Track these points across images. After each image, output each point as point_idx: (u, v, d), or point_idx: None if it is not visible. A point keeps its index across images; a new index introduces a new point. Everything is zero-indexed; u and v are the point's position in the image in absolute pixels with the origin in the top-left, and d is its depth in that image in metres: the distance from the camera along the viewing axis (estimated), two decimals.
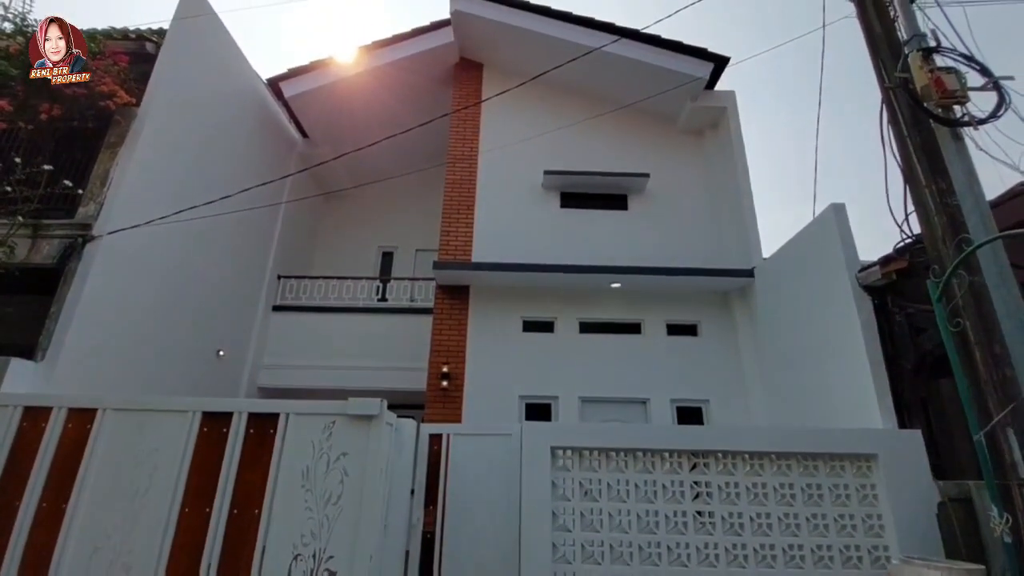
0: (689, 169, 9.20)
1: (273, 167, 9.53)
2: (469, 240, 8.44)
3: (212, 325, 8.17)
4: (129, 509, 3.02)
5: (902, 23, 4.42)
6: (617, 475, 4.00)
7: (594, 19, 8.72)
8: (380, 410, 3.14)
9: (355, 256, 11.58)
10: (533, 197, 8.86)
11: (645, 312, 8.18)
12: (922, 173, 4.02)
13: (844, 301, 5.60)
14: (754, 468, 4.01)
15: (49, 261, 6.16)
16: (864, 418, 5.23)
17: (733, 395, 7.65)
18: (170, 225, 6.72)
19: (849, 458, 4.00)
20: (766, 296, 7.50)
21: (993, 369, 3.36)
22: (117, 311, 6.40)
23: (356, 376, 8.81)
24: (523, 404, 7.62)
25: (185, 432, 3.15)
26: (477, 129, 9.22)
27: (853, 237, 5.80)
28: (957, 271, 3.53)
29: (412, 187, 11.67)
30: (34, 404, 3.32)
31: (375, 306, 9.67)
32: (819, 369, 6.12)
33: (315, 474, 3.02)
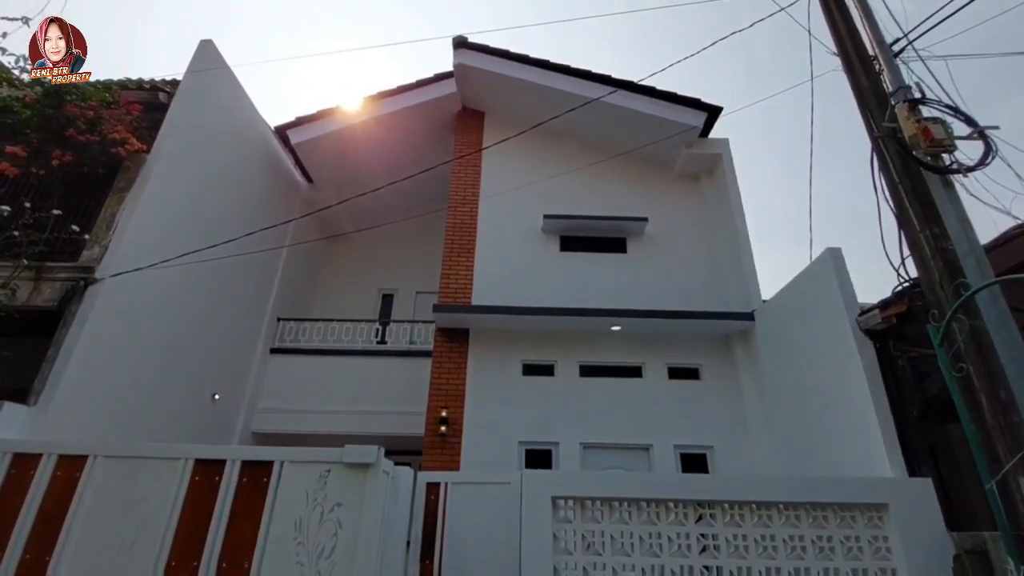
0: (686, 213, 9.35)
1: (277, 211, 9.69)
2: (469, 283, 8.48)
3: (209, 368, 8.09)
4: (115, 562, 2.91)
5: (887, 76, 4.60)
6: (620, 527, 3.86)
7: (591, 71, 9.07)
8: (377, 458, 3.07)
9: (355, 298, 11.60)
10: (533, 240, 8.97)
11: (646, 355, 8.12)
12: (915, 218, 4.07)
13: (845, 345, 5.57)
14: (762, 519, 3.88)
15: (50, 304, 6.17)
16: (872, 465, 5.10)
17: (737, 440, 7.49)
18: (172, 268, 6.76)
19: (860, 508, 3.88)
20: (767, 339, 7.47)
21: (1000, 415, 3.31)
22: (114, 354, 6.35)
23: (353, 421, 8.66)
24: (523, 450, 7.45)
25: (176, 481, 3.07)
26: (478, 174, 9.43)
27: (851, 280, 5.82)
28: (957, 315, 3.53)
29: (413, 230, 11.82)
30: (24, 451, 3.25)
31: (374, 349, 9.61)
32: (823, 414, 6.02)
33: (308, 526, 2.92)
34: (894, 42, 4.74)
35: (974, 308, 3.61)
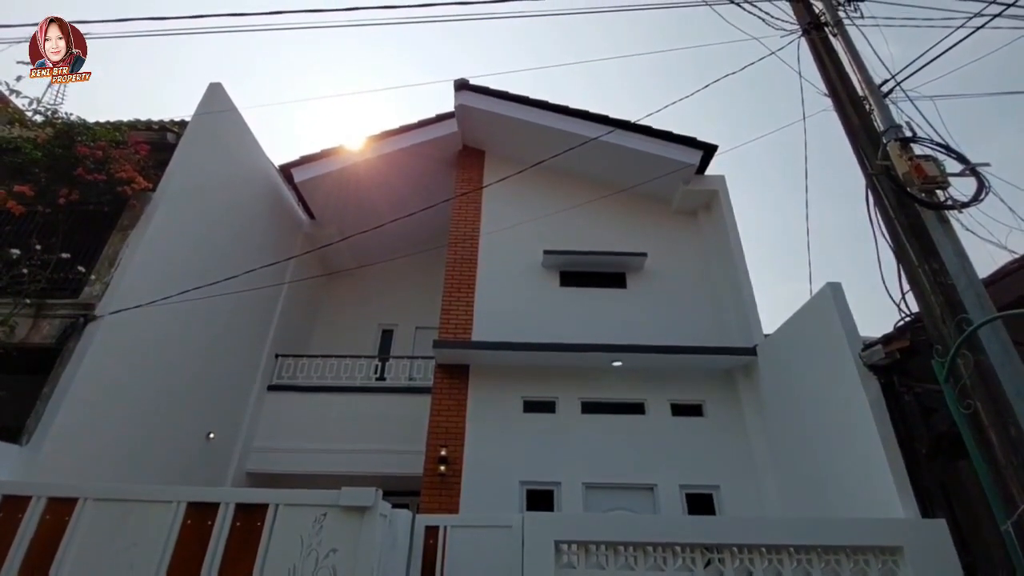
0: (685, 248, 9.42)
1: (279, 247, 9.77)
2: (469, 318, 8.46)
3: (205, 406, 7.98)
4: None
5: (877, 116, 4.71)
6: (626, 573, 3.72)
7: (588, 112, 9.31)
8: (374, 501, 2.99)
9: (355, 334, 11.55)
10: (533, 276, 9.00)
11: (648, 391, 8.02)
12: (913, 253, 4.09)
13: (850, 381, 5.51)
14: (773, 564, 3.74)
15: (48, 341, 6.14)
16: (883, 505, 4.96)
17: (744, 479, 7.31)
18: (172, 305, 6.76)
19: (873, 551, 3.74)
20: (770, 375, 7.39)
21: (1012, 453, 3.24)
22: (110, 392, 6.27)
23: (350, 460, 8.48)
24: (524, 490, 7.26)
25: (168, 525, 2.98)
26: (479, 211, 9.55)
27: (852, 315, 5.80)
28: (961, 351, 3.50)
29: (414, 265, 11.89)
30: (13, 492, 3.16)
31: (373, 385, 9.51)
32: (830, 451, 5.90)
33: (302, 573, 2.81)
34: (883, 83, 4.88)
35: (977, 343, 3.58)
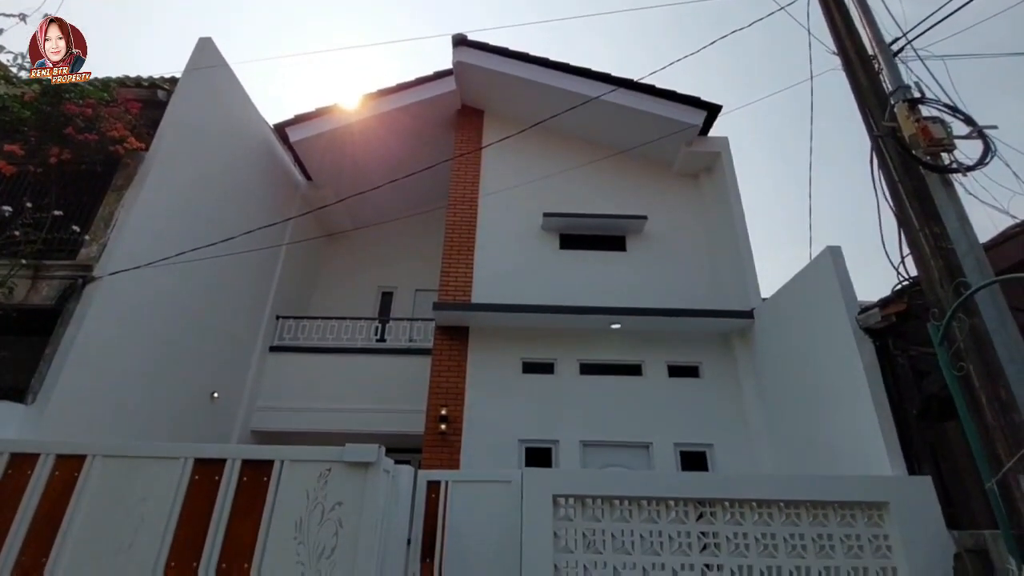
0: (686, 211, 9.35)
1: (276, 209, 9.67)
2: (469, 281, 8.47)
3: (208, 366, 8.08)
4: (113, 564, 2.89)
5: (886, 75, 4.59)
6: (621, 525, 3.86)
7: (590, 69, 9.05)
8: (377, 457, 3.06)
9: (355, 296, 11.58)
10: (532, 239, 8.96)
11: (646, 353, 8.13)
12: (915, 217, 4.07)
13: (845, 343, 5.57)
14: (763, 517, 3.88)
15: (48, 302, 6.14)
16: (872, 463, 5.11)
17: (737, 438, 7.50)
18: (170, 266, 6.74)
19: (860, 506, 3.88)
20: (766, 338, 7.47)
21: (1000, 415, 3.32)
22: (112, 352, 6.33)
23: (353, 419, 8.65)
24: (523, 448, 7.45)
25: (176, 481, 3.06)
26: (478, 173, 9.42)
27: (851, 279, 5.82)
28: (957, 314, 3.53)
29: (413, 228, 11.81)
30: (21, 451, 3.23)
31: (373, 347, 9.60)
32: (823, 412, 6.03)
33: (308, 525, 2.91)
34: (893, 42, 4.73)
35: (974, 307, 3.62)
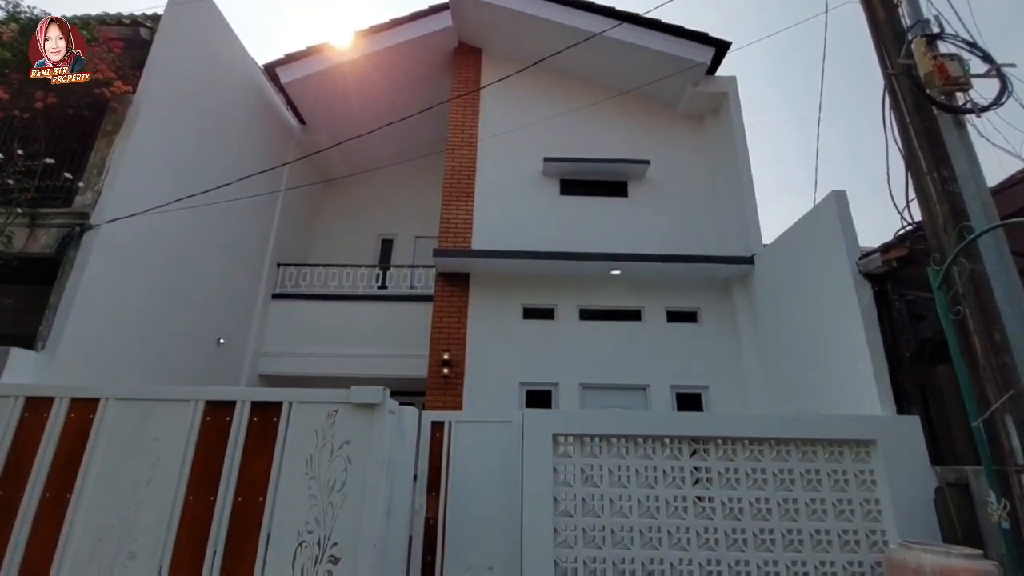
0: (689, 155, 9.15)
1: (271, 154, 9.47)
2: (469, 227, 8.42)
3: (212, 313, 8.17)
4: (133, 498, 3.04)
5: (905, 9, 4.37)
6: (618, 461, 4.03)
7: (594, 3, 8.60)
8: (382, 398, 3.16)
9: (354, 243, 11.55)
10: (533, 184, 8.82)
11: (645, 299, 8.19)
12: (924, 160, 4.00)
13: (844, 288, 5.61)
14: (754, 454, 4.04)
15: (47, 251, 6.13)
16: (863, 404, 5.26)
17: (732, 381, 7.69)
18: (168, 213, 6.69)
19: (848, 444, 4.04)
20: (766, 283, 7.51)
21: (992, 357, 3.38)
22: (117, 300, 6.39)
23: (357, 363, 8.84)
24: (524, 391, 7.66)
25: (188, 421, 3.17)
26: (476, 116, 9.15)
27: (854, 224, 5.79)
28: (958, 259, 3.53)
29: (411, 174, 11.62)
30: (36, 394, 3.32)
31: (375, 294, 9.67)
32: (818, 355, 6.15)
33: (319, 462, 3.04)
34: None
35: (975, 252, 3.62)
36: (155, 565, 2.90)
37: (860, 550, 3.79)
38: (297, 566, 2.87)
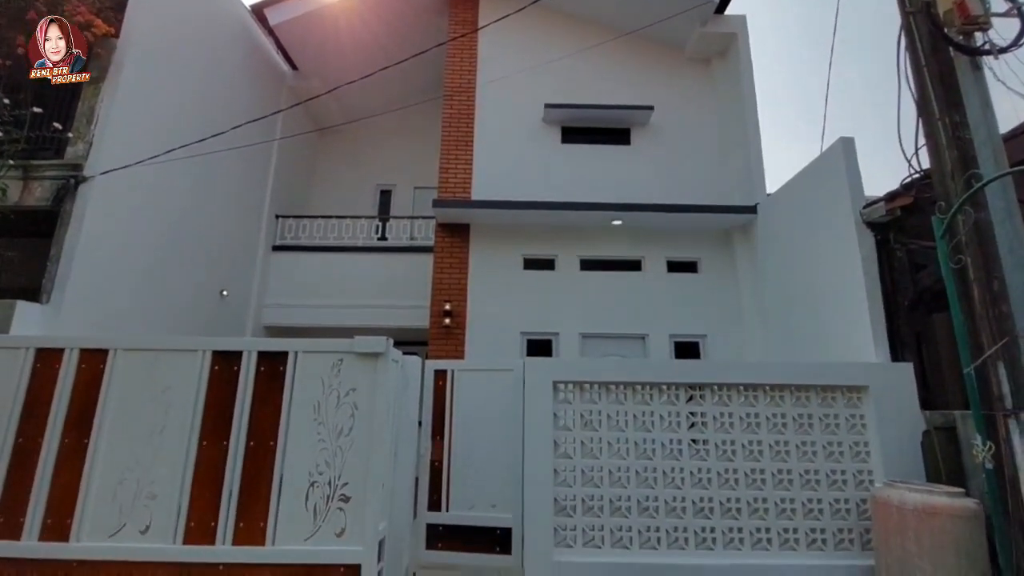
0: (695, 101, 8.88)
1: (264, 101, 9.21)
2: (468, 177, 8.29)
3: (214, 266, 8.20)
4: (149, 444, 3.15)
5: None
6: (616, 406, 4.15)
7: None
8: (386, 348, 3.21)
9: (352, 194, 11.42)
10: (533, 132, 8.62)
11: (646, 249, 8.18)
12: (936, 105, 3.91)
13: (846, 237, 5.58)
14: (748, 399, 4.16)
15: (43, 203, 6.08)
16: (858, 352, 5.36)
17: (730, 330, 7.79)
18: (164, 165, 6.58)
19: (841, 389, 4.14)
20: (768, 233, 7.47)
21: (990, 305, 3.41)
22: (119, 253, 6.40)
23: (360, 314, 8.94)
24: (524, 340, 7.78)
25: (197, 371, 3.23)
26: (474, 60, 8.82)
27: (860, 172, 5.69)
28: (963, 207, 3.49)
29: (409, 123, 11.33)
30: (46, 346, 3.37)
31: (375, 245, 9.65)
32: (817, 304, 6.20)
33: (326, 408, 3.13)
34: None
35: (981, 200, 3.58)
36: (174, 505, 3.04)
37: (847, 489, 3.96)
38: (310, 504, 3.01)
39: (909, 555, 3.25)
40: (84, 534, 3.01)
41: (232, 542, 2.98)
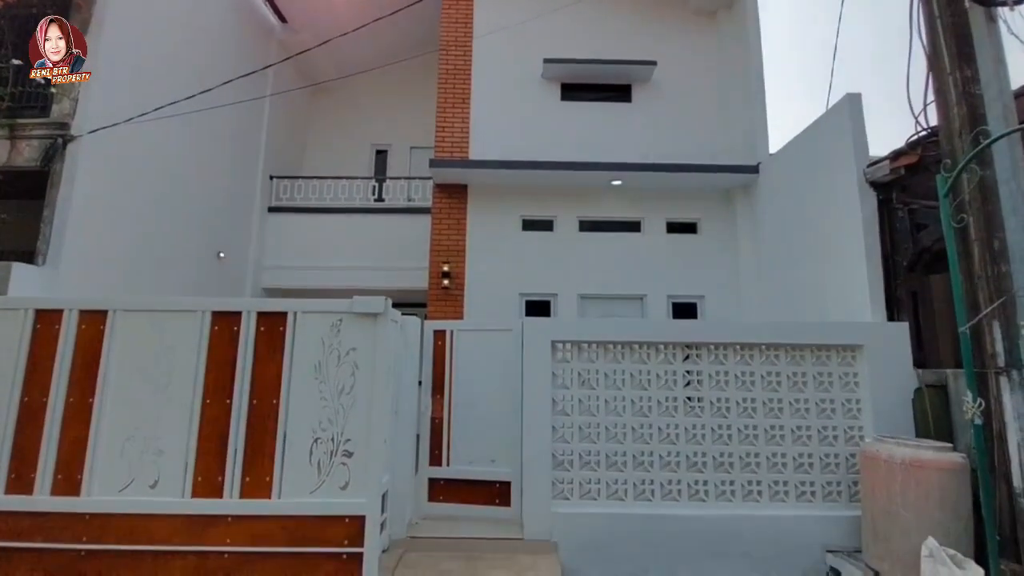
0: (698, 56, 8.60)
1: (253, 56, 8.93)
2: (466, 136, 8.12)
3: (210, 227, 8.13)
4: (153, 402, 3.19)
5: None
6: (614, 365, 4.20)
7: None
8: (385, 307, 3.22)
9: (347, 155, 11.22)
10: (532, 88, 8.38)
11: (646, 210, 8.11)
12: (948, 59, 3.81)
13: (848, 197, 5.52)
14: (744, 358, 4.21)
15: (32, 163, 5.97)
16: (855, 312, 5.38)
17: (728, 291, 7.82)
18: (156, 126, 6.44)
19: (835, 348, 4.19)
20: (770, 193, 7.39)
21: (989, 264, 3.41)
22: (113, 214, 6.35)
23: (359, 276, 8.93)
24: (523, 301, 7.81)
25: (197, 331, 3.25)
26: (471, 10, 8.48)
27: (865, 129, 5.58)
28: (970, 165, 3.44)
29: (404, 80, 11.02)
30: (45, 307, 3.37)
31: (372, 206, 9.56)
32: (816, 265, 6.19)
33: (327, 368, 3.17)
34: None
35: (988, 158, 3.53)
36: (181, 461, 3.11)
37: (837, 444, 4.07)
38: (314, 460, 3.09)
39: (894, 506, 3.37)
40: (95, 488, 3.10)
41: (239, 496, 3.07)
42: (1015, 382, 3.23)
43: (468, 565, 3.49)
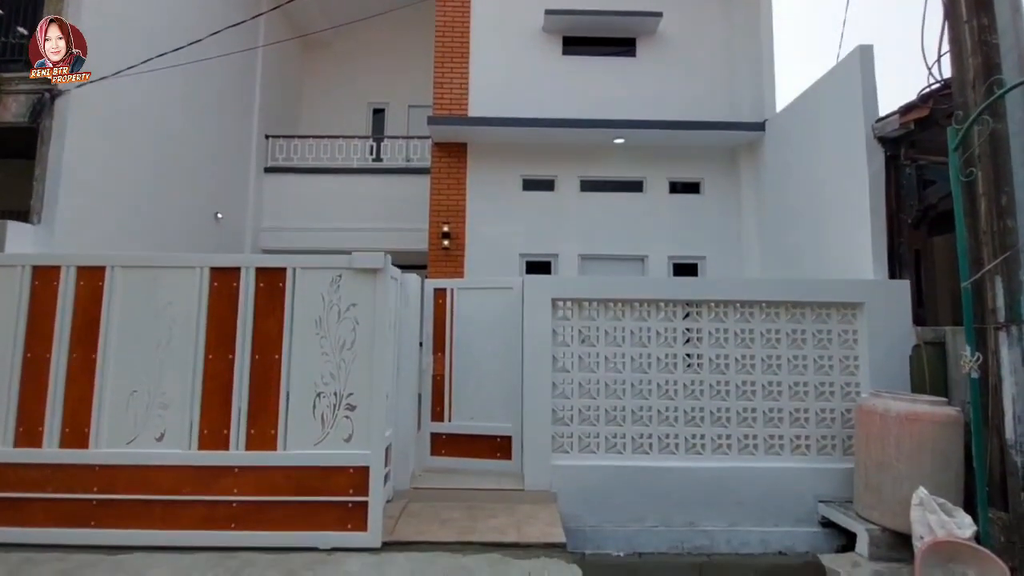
0: (707, 7, 8.28)
1: (244, 7, 8.57)
2: (465, 92, 7.91)
3: (206, 188, 8.02)
4: (156, 357, 3.22)
5: None
6: (614, 323, 4.21)
7: None
8: (384, 264, 3.21)
9: (344, 113, 10.97)
10: (533, 41, 8.10)
11: (648, 169, 7.98)
12: (965, 6, 3.66)
13: (855, 153, 5.41)
14: (744, 316, 4.21)
15: (20, 119, 5.83)
16: (857, 269, 5.36)
17: (730, 250, 7.78)
18: (147, 81, 6.27)
19: (836, 306, 4.18)
20: (774, 151, 7.24)
21: (995, 220, 3.38)
22: (108, 172, 6.26)
23: (358, 237, 8.86)
24: (524, 262, 7.78)
25: (196, 287, 3.25)
26: None
27: (875, 82, 5.41)
28: (982, 116, 3.35)
29: (401, 35, 10.66)
30: (42, 263, 3.35)
31: (370, 167, 9.40)
32: (819, 222, 6.13)
33: (328, 323, 3.18)
34: None
35: (1001, 110, 3.45)
36: (186, 415, 3.16)
37: (833, 400, 4.12)
38: (317, 413, 3.13)
39: (888, 457, 3.44)
40: (102, 441, 3.16)
41: (245, 448, 3.13)
42: (1014, 337, 3.24)
43: (470, 513, 3.59)
